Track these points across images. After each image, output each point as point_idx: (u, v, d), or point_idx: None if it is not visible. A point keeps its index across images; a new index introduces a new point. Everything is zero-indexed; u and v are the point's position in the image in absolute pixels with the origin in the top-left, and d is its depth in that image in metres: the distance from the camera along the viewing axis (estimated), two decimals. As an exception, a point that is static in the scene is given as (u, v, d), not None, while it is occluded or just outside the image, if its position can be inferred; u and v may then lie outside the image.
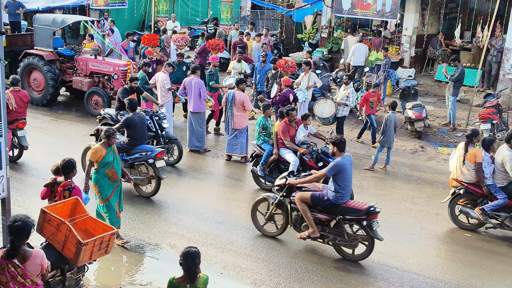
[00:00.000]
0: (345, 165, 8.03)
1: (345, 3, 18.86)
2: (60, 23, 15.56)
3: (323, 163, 10.09)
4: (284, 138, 10.46)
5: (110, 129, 8.35)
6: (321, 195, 8.24)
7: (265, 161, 10.75)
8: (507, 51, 16.25)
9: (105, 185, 8.34)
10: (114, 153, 8.42)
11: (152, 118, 11.73)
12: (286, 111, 10.58)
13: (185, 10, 26.84)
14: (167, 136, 11.88)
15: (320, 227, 8.35)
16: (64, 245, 6.35)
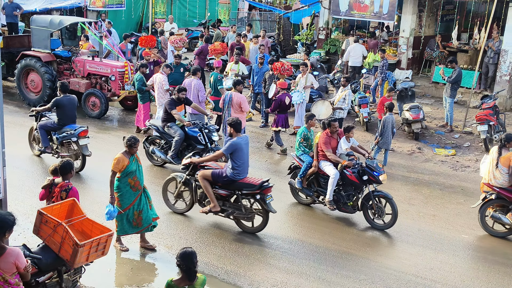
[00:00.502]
0: (241, 145, 8.88)
1: (343, 4, 18.88)
2: (57, 24, 15.55)
3: (368, 177, 9.61)
4: (326, 149, 9.91)
5: (132, 138, 8.08)
6: (220, 172, 9.00)
7: (303, 174, 10.17)
8: (504, 53, 16.28)
9: (126, 194, 8.16)
10: (136, 162, 8.23)
11: (202, 131, 11.36)
12: (328, 122, 10.13)
13: (183, 12, 26.83)
14: (217, 149, 11.15)
15: (221, 202, 9.11)
16: (61, 247, 6.34)
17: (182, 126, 11.47)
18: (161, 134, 11.71)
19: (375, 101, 16.81)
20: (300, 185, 10.23)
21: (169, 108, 11.40)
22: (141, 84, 13.59)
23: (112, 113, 16.04)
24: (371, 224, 9.74)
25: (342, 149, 10.10)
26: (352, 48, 18.01)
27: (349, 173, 9.77)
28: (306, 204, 10.46)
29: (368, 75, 17.56)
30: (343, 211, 9.95)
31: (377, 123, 13.92)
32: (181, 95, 11.51)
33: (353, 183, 9.76)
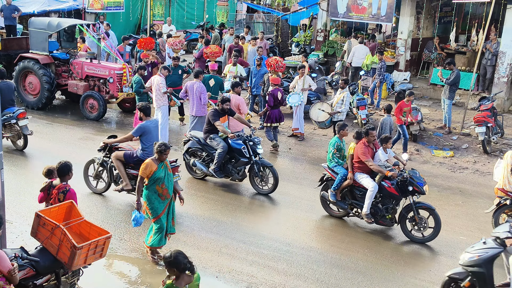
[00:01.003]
0: (149, 128, 9.53)
1: (341, 6, 18.91)
2: (55, 26, 15.54)
3: (412, 187, 9.20)
4: (366, 159, 9.44)
5: (162, 144, 7.85)
6: (131, 153, 9.67)
7: (337, 186, 9.79)
8: (501, 55, 16.30)
9: (155, 201, 7.98)
10: (165, 169, 8.00)
11: (246, 143, 10.94)
12: (365, 130, 9.67)
13: (181, 14, 26.86)
14: (262, 163, 10.95)
15: (134, 182, 9.54)
16: (59, 249, 6.33)
17: (225, 138, 11.04)
18: (202, 146, 11.26)
19: (373, 103, 16.84)
20: (334, 197, 9.85)
21: (213, 119, 10.90)
22: (139, 86, 13.58)
23: (110, 115, 16.04)
24: (409, 237, 9.42)
25: (381, 161, 9.64)
26: (357, 49, 18.08)
27: (388, 185, 9.38)
28: (339, 217, 10.11)
29: (366, 77, 17.58)
30: (380, 224, 9.60)
31: (375, 125, 13.91)
32: (225, 106, 11.01)
33: (392, 195, 9.39)
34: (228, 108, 11.13)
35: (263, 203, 10.73)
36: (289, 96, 14.29)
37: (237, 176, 11.02)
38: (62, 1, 22.06)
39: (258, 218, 10.07)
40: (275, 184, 10.81)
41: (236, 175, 10.99)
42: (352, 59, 18.15)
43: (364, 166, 9.53)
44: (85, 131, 14.35)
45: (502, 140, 14.44)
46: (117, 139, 9.98)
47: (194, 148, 11.48)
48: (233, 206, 10.55)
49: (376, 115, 16.04)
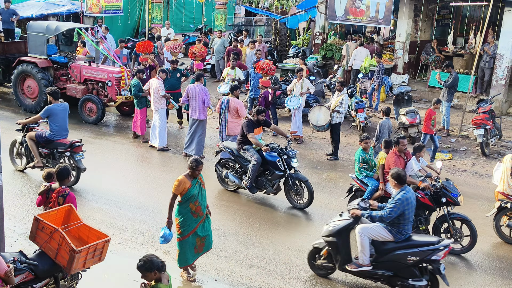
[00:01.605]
0: (57, 110, 10.69)
1: (339, 9, 18.94)
2: (54, 30, 15.55)
3: (446, 199, 8.93)
4: None
5: (195, 160, 7.56)
6: (42, 133, 10.77)
7: (368, 197, 9.49)
8: (499, 57, 16.34)
9: (187, 220, 7.68)
10: (199, 186, 7.71)
11: (281, 156, 10.55)
12: (396, 139, 9.39)
13: (179, 17, 26.89)
14: (297, 177, 10.56)
15: (45, 160, 10.85)
16: (58, 253, 6.32)
17: (259, 150, 10.71)
18: (235, 157, 10.96)
19: (371, 106, 16.86)
20: None
21: (247, 130, 10.59)
22: (137, 89, 13.59)
23: (108, 118, 16.04)
24: None
25: (414, 171, 9.37)
26: (357, 52, 18.16)
27: (421, 195, 9.04)
28: None
29: (365, 79, 17.61)
30: None
31: (374, 127, 13.92)
32: (260, 117, 10.74)
33: (426, 206, 9.08)
34: (264, 119, 10.86)
35: (260, 206, 10.73)
36: (287, 99, 14.30)
37: (271, 190, 10.65)
38: (61, 5, 22.05)
39: (256, 221, 10.06)
40: (310, 198, 10.40)
41: (270, 188, 10.63)
42: (353, 62, 18.23)
43: None
44: (83, 134, 14.34)
45: (500, 143, 14.45)
46: (27, 120, 11.15)
47: (227, 159, 11.22)
48: (232, 209, 10.55)
49: (375, 117, 16.06)
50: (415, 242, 7.43)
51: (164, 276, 5.48)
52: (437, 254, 7.23)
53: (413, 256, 7.29)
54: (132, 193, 10.91)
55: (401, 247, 7.40)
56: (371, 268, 7.54)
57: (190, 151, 13.01)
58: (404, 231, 7.44)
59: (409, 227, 7.48)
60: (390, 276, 7.53)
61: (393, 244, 7.48)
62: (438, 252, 7.23)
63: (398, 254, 7.39)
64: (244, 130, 10.66)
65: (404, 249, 7.36)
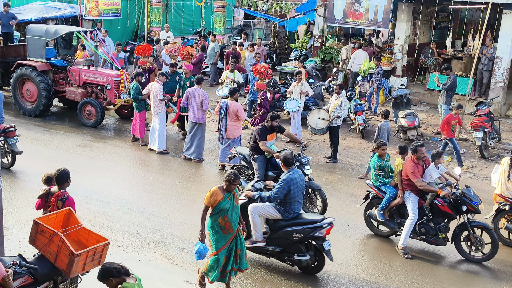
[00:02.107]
0: None
1: (337, 12, 18.98)
2: (53, 33, 15.57)
3: (466, 207, 8.76)
4: (415, 179, 8.90)
5: (233, 174, 7.24)
6: None
7: (386, 205, 9.32)
8: (498, 60, 16.37)
9: (216, 235, 7.31)
10: (232, 201, 7.30)
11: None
12: (414, 147, 9.11)
13: (178, 20, 26.90)
14: (309, 185, 10.24)
15: None
16: (57, 256, 6.32)
17: (271, 157, 10.43)
18: (248, 163, 10.75)
19: (370, 108, 16.88)
20: (383, 217, 9.36)
21: (259, 138, 10.26)
22: (137, 93, 13.60)
23: (107, 122, 16.05)
24: (465, 256, 9.01)
25: (433, 178, 9.11)
26: (357, 55, 18.22)
27: (440, 203, 8.91)
28: (384, 236, 9.69)
29: (364, 82, 17.64)
30: (433, 243, 9.13)
31: (373, 130, 13.94)
32: (275, 123, 10.39)
33: (446, 213, 8.95)
34: (278, 125, 10.55)
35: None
36: (286, 102, 14.31)
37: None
38: (60, 8, 22.10)
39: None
40: (324, 207, 10.10)
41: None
42: (352, 65, 18.28)
43: (413, 183, 9.02)
44: (82, 138, 14.35)
45: (499, 145, 14.47)
46: None
47: (240, 165, 11.05)
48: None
49: (374, 120, 16.07)
50: (301, 220, 8.01)
51: (129, 279, 5.49)
52: (320, 231, 7.86)
53: (298, 233, 7.91)
54: (131, 197, 10.91)
55: (288, 225, 7.99)
56: (264, 244, 8.10)
57: (189, 154, 13.02)
58: (291, 210, 7.98)
59: (296, 206, 8.00)
60: (280, 252, 8.09)
61: (282, 222, 8.05)
62: (321, 229, 7.86)
63: (286, 231, 7.99)
64: (256, 137, 10.34)
65: (291, 227, 7.96)
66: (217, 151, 13.15)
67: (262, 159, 10.40)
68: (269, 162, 10.51)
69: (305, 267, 8.12)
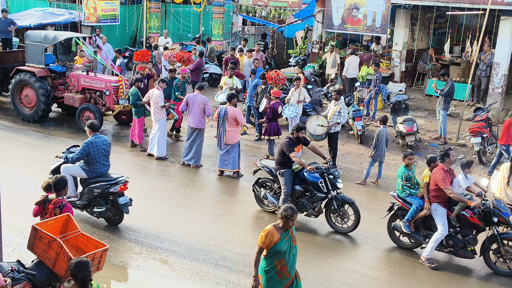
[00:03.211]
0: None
1: (336, 18, 19.03)
2: (51, 39, 15.58)
3: (497, 218, 8.56)
4: (445, 187, 8.65)
5: (289, 208, 6.37)
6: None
7: (412, 217, 9.12)
8: (496, 66, 16.41)
9: (271, 280, 6.49)
10: (290, 241, 6.46)
11: (324, 177, 9.93)
12: (445, 152, 8.90)
13: (177, 26, 26.96)
14: (342, 199, 9.95)
15: None
16: (56, 262, 6.32)
17: (300, 171, 10.11)
18: (274, 177, 10.41)
19: (368, 114, 16.90)
20: (408, 229, 9.16)
21: (287, 150, 9.89)
22: (135, 98, 13.60)
23: (106, 127, 16.04)
24: (493, 270, 8.84)
25: (461, 188, 8.91)
26: (351, 61, 18.31)
27: (469, 214, 8.71)
28: (409, 248, 9.48)
29: (362, 88, 17.67)
30: (460, 256, 8.96)
31: (371, 136, 13.95)
32: (301, 134, 10.06)
33: (475, 225, 8.76)
34: (303, 136, 10.21)
35: (259, 214, 10.72)
36: (284, 108, 14.32)
37: (313, 212, 10.07)
38: (59, 14, 22.13)
39: (255, 230, 10.05)
40: (357, 222, 9.78)
41: (311, 210, 10.06)
42: (347, 71, 18.34)
43: (442, 194, 8.80)
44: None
45: (497, 151, 14.48)
46: None
47: (265, 179, 10.78)
48: (230, 218, 10.55)
49: (372, 126, 16.10)
50: (101, 178, 9.43)
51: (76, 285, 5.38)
52: (114, 187, 9.32)
53: (97, 189, 9.34)
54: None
55: (91, 183, 9.42)
56: (76, 199, 9.49)
57: (188, 160, 13.02)
58: (94, 169, 9.40)
59: (98, 166, 9.39)
60: (85, 205, 9.50)
61: (88, 180, 9.47)
62: (116, 185, 9.33)
63: (89, 187, 9.42)
64: (284, 150, 9.94)
65: (93, 184, 9.38)
66: (216, 157, 13.15)
67: (289, 173, 10.06)
68: (297, 176, 10.17)
69: (108, 219, 9.61)
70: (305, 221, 10.42)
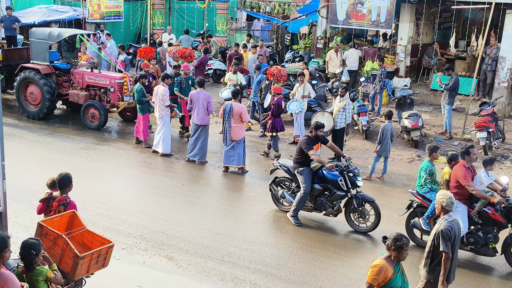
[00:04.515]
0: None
1: (340, 13, 18.97)
2: (56, 36, 15.58)
3: None
4: (467, 183, 8.50)
5: (401, 237, 5.70)
6: None
7: (432, 213, 8.93)
8: (501, 60, 16.33)
9: None
10: (402, 275, 5.80)
11: (344, 175, 9.81)
12: (466, 150, 8.73)
13: (181, 23, 26.91)
14: (363, 198, 9.84)
15: None
16: (61, 259, 6.32)
17: (319, 169, 9.98)
18: (292, 176, 10.28)
19: (373, 109, 16.86)
20: (428, 226, 8.97)
21: (306, 148, 9.80)
22: (140, 95, 13.60)
23: (111, 124, 16.06)
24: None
25: (484, 185, 8.78)
26: (349, 54, 18.46)
27: (491, 211, 8.54)
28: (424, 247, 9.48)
29: (367, 83, 17.62)
30: (481, 254, 8.81)
31: (376, 131, 13.91)
32: (319, 132, 9.98)
33: (497, 222, 8.59)
34: (322, 135, 10.12)
35: (265, 211, 10.71)
36: (289, 104, 14.31)
37: (332, 211, 9.94)
38: (63, 11, 22.13)
39: (260, 226, 10.05)
40: (377, 221, 9.67)
41: (330, 209, 9.93)
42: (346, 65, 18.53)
43: (462, 191, 8.65)
44: (86, 140, 14.36)
45: (503, 145, 14.43)
46: None
47: (282, 178, 10.62)
48: (236, 214, 10.55)
49: (377, 121, 16.05)
50: None
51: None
52: None
53: None
54: (135, 199, 10.91)
55: None
56: None
57: (193, 156, 13.02)
58: None
59: None
60: None
61: None
62: None
63: None
64: (303, 148, 9.85)
65: None
66: (221, 153, 13.14)
67: (307, 172, 9.95)
68: (315, 175, 10.05)
69: None
70: (323, 220, 10.39)
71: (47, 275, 5.67)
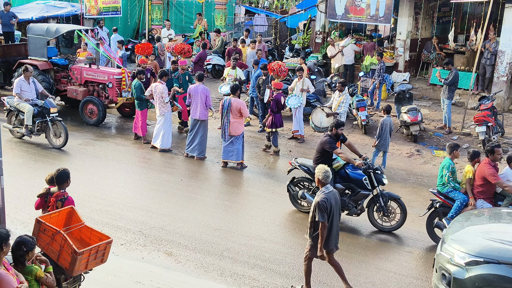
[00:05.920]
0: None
1: (339, 8, 18.93)
2: (54, 32, 15.54)
3: None
4: (496, 180, 8.43)
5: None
6: None
7: (456, 213, 8.75)
8: (500, 54, 16.30)
9: None
10: None
11: (369, 173, 9.64)
12: (490, 148, 8.72)
13: (179, 18, 26.86)
14: (389, 195, 9.69)
15: None
16: (60, 255, 6.31)
17: (341, 168, 9.81)
18: (312, 176, 9.95)
19: (372, 104, 16.84)
20: None
21: (331, 147, 9.63)
22: (139, 92, 13.56)
23: (109, 120, 16.03)
24: None
25: (510, 182, 8.63)
26: (345, 48, 18.51)
27: None
28: None
29: (366, 78, 17.60)
30: None
31: (375, 126, 13.89)
32: (340, 131, 9.81)
33: None
34: (342, 133, 9.96)
35: (264, 207, 10.70)
36: (288, 99, 14.28)
37: (355, 211, 9.71)
38: (61, 7, 22.04)
39: (259, 221, 10.04)
40: (403, 219, 9.51)
41: (354, 209, 9.70)
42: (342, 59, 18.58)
43: (487, 189, 8.62)
44: (84, 136, 14.34)
45: (502, 140, 14.41)
46: None
47: (301, 178, 10.35)
48: (235, 209, 10.54)
49: (376, 116, 16.04)
50: None
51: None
52: None
53: None
54: (134, 194, 10.90)
55: None
56: None
57: (191, 152, 12.99)
58: None
59: None
60: None
61: None
62: None
63: None
64: (326, 149, 9.63)
65: None
66: (220, 148, 13.13)
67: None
68: (337, 174, 9.85)
69: None
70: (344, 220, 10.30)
71: (37, 274, 5.65)
